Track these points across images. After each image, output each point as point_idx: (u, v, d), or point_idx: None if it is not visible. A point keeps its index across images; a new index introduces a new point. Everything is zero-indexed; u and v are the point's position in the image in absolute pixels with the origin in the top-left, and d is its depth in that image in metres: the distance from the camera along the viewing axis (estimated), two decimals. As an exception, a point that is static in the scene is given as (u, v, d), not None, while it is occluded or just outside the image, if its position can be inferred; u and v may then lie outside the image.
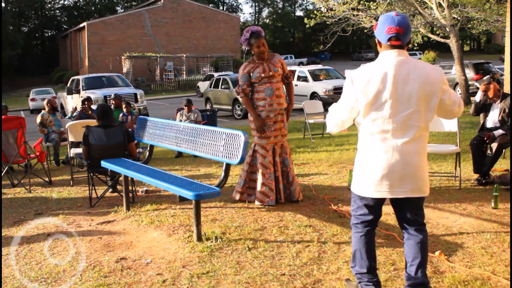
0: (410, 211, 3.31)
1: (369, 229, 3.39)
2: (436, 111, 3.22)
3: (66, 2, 77.84)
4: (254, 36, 5.83)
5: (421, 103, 3.12)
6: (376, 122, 3.16)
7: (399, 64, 3.11)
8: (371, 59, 3.85)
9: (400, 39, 3.10)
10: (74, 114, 11.09)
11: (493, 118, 6.82)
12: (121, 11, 68.28)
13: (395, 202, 3.34)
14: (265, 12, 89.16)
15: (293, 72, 6.20)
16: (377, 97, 3.12)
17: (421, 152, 3.20)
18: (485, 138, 6.56)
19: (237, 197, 6.04)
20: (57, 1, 77.79)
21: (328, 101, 19.31)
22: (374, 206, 3.33)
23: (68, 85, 21.88)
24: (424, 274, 3.27)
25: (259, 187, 5.88)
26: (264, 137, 5.89)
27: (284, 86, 6.08)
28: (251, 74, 5.84)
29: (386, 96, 3.10)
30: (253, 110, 5.90)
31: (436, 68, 3.22)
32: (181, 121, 10.62)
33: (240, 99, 5.98)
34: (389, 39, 3.11)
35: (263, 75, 5.80)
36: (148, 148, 7.01)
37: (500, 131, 6.58)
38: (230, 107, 20.21)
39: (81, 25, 51.73)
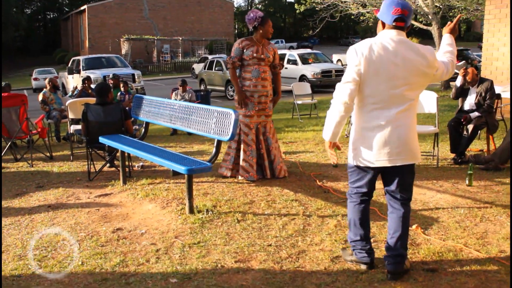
0: (399, 182, 3.34)
1: (363, 199, 3.46)
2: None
3: (67, -14, 76.66)
4: (267, 17, 5.83)
5: (416, 79, 3.19)
6: (374, 95, 3.19)
7: (399, 43, 3.16)
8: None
9: (405, 20, 3.17)
10: (75, 93, 11.00)
11: (470, 101, 6.84)
12: (120, -5, 67.29)
13: (387, 173, 3.36)
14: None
15: (282, 64, 6.07)
16: (377, 69, 3.14)
17: (413, 121, 3.27)
18: (462, 120, 6.57)
19: (228, 173, 6.02)
20: (59, -16, 76.68)
21: (316, 83, 19.29)
22: (372, 176, 3.39)
23: (69, 65, 21.66)
24: (403, 246, 3.34)
25: (241, 162, 5.88)
26: (247, 116, 5.86)
27: (272, 75, 6.03)
28: (245, 50, 5.79)
29: (386, 70, 3.14)
30: (237, 83, 5.86)
31: (429, 48, 3.26)
32: (176, 100, 10.55)
33: (229, 71, 5.91)
34: (395, 20, 3.16)
35: (255, 55, 5.76)
36: (144, 125, 6.97)
37: (476, 114, 6.61)
38: (223, 88, 20.10)
39: (82, 7, 51.01)
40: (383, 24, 3.25)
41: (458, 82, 6.92)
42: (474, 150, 7.20)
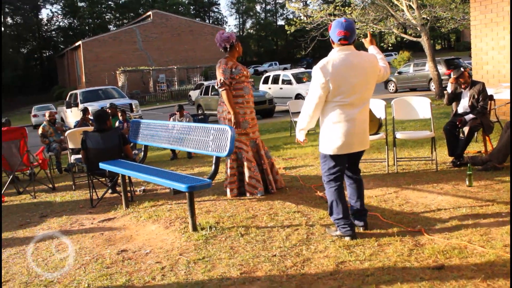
0: (359, 160, 4.28)
1: (339, 183, 4.12)
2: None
3: (61, 24, 77.57)
4: (237, 38, 5.87)
5: (370, 81, 3.97)
6: (342, 99, 3.87)
7: (352, 55, 3.89)
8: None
9: (348, 39, 3.90)
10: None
11: (463, 104, 6.86)
12: (114, 29, 68.05)
13: (353, 156, 4.13)
14: (249, 23, 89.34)
15: None
16: (343, 79, 3.83)
17: (368, 116, 4.10)
18: (457, 123, 6.59)
19: (236, 192, 5.94)
20: (53, 22, 77.62)
21: (311, 101, 19.34)
22: (343, 161, 4.09)
23: (67, 99, 21.75)
24: (364, 204, 4.30)
25: (247, 179, 5.85)
26: (243, 134, 5.85)
27: None
28: (233, 70, 5.75)
29: (349, 78, 3.84)
30: (233, 105, 5.73)
31: (371, 55, 4.11)
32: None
33: (223, 93, 5.71)
34: (339, 40, 3.90)
35: (244, 72, 5.79)
36: (143, 149, 6.98)
37: (470, 116, 6.62)
38: (220, 112, 20.14)
39: (77, 44, 51.48)
40: (332, 41, 3.97)
41: (449, 89, 6.97)
42: (472, 152, 7.19)
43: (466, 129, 6.62)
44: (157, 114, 28.55)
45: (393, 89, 24.93)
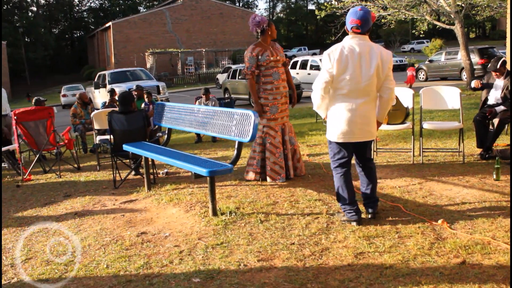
0: (365, 150, 4.31)
1: (346, 170, 4.28)
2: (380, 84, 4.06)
3: (92, 4, 78.36)
4: (270, 22, 5.84)
5: (376, 75, 3.96)
6: (346, 87, 3.96)
7: (363, 45, 3.94)
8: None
9: (359, 28, 3.96)
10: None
11: (495, 95, 6.67)
12: (144, 10, 68.33)
13: (357, 145, 4.23)
14: (279, 7, 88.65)
15: (289, 60, 6.15)
16: (347, 67, 3.91)
17: (373, 108, 4.14)
18: (487, 114, 6.43)
19: (257, 177, 5.95)
20: (84, 3, 78.41)
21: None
22: (347, 148, 4.21)
23: (96, 80, 21.98)
24: (375, 192, 4.36)
25: (270, 165, 5.84)
26: (272, 119, 5.84)
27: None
28: (259, 57, 5.75)
29: (354, 68, 3.91)
30: (256, 94, 5.80)
31: (387, 51, 4.08)
32: (199, 108, 10.57)
33: (248, 81, 5.84)
34: (352, 28, 3.98)
35: (272, 58, 5.74)
36: (166, 131, 7.01)
37: (501, 107, 6.44)
38: (247, 96, 20.12)
39: (107, 25, 51.94)
40: (347, 29, 4.05)
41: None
42: (501, 145, 7.03)
43: (496, 121, 6.45)
44: (184, 97, 28.67)
45: (423, 78, 24.50)
